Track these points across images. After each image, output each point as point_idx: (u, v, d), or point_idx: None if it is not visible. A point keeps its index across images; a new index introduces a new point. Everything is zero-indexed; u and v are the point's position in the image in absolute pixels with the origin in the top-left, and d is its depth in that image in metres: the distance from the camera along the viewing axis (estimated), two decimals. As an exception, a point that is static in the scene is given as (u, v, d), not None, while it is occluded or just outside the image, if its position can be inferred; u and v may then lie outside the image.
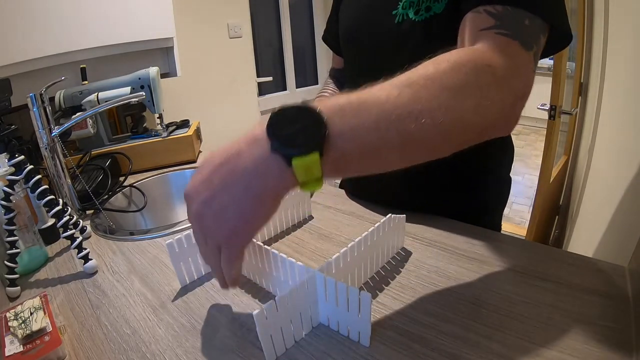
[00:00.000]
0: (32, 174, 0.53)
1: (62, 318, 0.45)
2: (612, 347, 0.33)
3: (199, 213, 0.32)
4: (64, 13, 0.97)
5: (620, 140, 1.06)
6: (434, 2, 0.49)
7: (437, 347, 0.35)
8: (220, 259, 0.34)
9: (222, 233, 0.31)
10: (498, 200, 0.67)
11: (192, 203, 0.32)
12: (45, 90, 0.67)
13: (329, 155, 0.29)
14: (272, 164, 0.29)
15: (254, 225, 0.32)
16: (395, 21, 0.53)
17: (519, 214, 2.58)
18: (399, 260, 0.50)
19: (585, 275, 0.44)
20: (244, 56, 1.90)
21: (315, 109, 0.29)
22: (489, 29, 0.38)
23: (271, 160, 0.29)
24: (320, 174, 0.29)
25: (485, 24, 0.39)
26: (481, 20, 0.39)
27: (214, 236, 0.32)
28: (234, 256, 0.33)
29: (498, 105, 0.35)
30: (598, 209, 1.16)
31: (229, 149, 0.32)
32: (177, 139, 0.98)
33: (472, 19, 0.41)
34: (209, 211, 0.31)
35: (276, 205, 0.32)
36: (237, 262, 0.34)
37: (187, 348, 0.38)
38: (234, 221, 0.31)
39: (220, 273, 0.35)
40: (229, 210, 0.30)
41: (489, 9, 0.39)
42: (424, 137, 0.32)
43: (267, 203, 0.31)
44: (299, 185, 0.30)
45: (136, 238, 0.63)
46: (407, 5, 0.52)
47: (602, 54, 1.40)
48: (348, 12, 0.65)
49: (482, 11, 0.40)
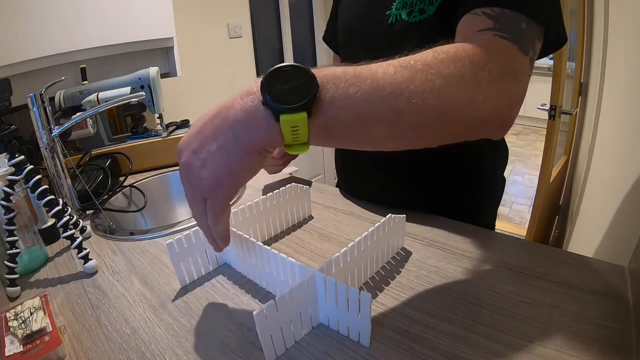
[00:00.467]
0: (32, 174, 0.53)
1: (62, 318, 0.45)
2: (612, 347, 0.33)
3: (187, 163, 0.32)
4: (64, 13, 0.97)
5: (620, 140, 1.06)
6: (428, 5, 0.49)
7: (437, 347, 0.35)
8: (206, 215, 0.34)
9: (207, 183, 0.32)
10: (491, 200, 0.68)
11: (182, 153, 0.33)
12: (45, 90, 0.67)
13: (317, 118, 0.30)
14: (261, 118, 0.30)
15: (239, 178, 0.32)
16: (389, 22, 0.54)
17: (519, 214, 2.58)
18: (399, 260, 0.50)
19: (585, 275, 0.44)
20: (244, 56, 1.90)
21: (310, 72, 0.30)
22: (487, 30, 0.38)
23: (261, 114, 0.30)
24: (306, 137, 0.30)
25: (483, 25, 0.39)
26: (479, 22, 0.39)
27: (199, 186, 0.33)
28: (218, 209, 0.33)
29: (493, 103, 0.35)
30: (598, 209, 1.16)
31: (223, 102, 0.32)
32: (177, 139, 0.98)
33: (470, 20, 0.40)
34: (197, 160, 0.32)
35: (261, 161, 0.33)
36: (222, 216, 0.34)
37: (187, 348, 0.38)
38: (219, 170, 0.31)
39: (210, 232, 0.36)
40: (215, 159, 0.31)
41: (487, 11, 0.39)
42: (413, 118, 0.32)
43: (253, 156, 0.31)
44: (285, 145, 0.31)
45: (136, 238, 0.63)
46: (400, 6, 0.53)
47: (602, 54, 1.40)
48: (346, 12, 0.66)
49: (479, 13, 0.40)
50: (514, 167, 3.44)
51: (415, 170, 0.61)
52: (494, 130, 0.38)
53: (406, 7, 0.52)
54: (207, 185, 0.32)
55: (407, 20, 0.52)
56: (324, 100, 0.30)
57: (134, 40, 1.14)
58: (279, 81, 0.29)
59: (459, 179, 0.61)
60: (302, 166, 2.53)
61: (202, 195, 0.33)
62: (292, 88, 0.29)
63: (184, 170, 0.33)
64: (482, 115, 0.35)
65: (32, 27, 0.91)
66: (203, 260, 0.50)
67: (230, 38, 1.80)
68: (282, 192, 0.58)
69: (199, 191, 0.33)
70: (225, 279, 0.49)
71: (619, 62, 1.19)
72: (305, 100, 0.29)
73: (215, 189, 0.32)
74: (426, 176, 0.61)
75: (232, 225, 0.50)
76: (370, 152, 0.65)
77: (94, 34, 1.04)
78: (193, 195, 0.34)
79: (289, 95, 0.28)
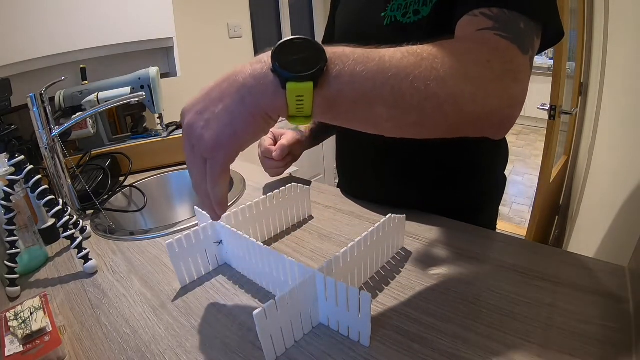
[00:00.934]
0: (32, 174, 0.53)
1: (62, 318, 0.45)
2: (612, 347, 0.33)
3: (191, 123, 0.32)
4: (63, 13, 0.97)
5: (620, 140, 1.06)
6: (422, 6, 0.50)
7: (437, 347, 0.35)
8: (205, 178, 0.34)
9: (209, 143, 0.32)
10: (492, 199, 0.68)
11: (187, 114, 0.33)
12: (45, 90, 0.67)
13: (323, 90, 0.31)
14: (268, 83, 0.30)
15: (240, 140, 0.32)
16: (384, 23, 0.54)
17: (519, 214, 2.59)
18: (399, 260, 0.50)
19: (585, 275, 0.44)
20: (244, 56, 1.90)
21: (320, 45, 0.31)
22: (487, 30, 0.39)
23: (269, 79, 0.30)
24: (310, 109, 0.31)
25: (483, 25, 0.39)
26: (478, 22, 0.39)
27: (200, 145, 0.32)
28: (217, 169, 0.33)
29: (494, 101, 0.36)
30: (598, 209, 1.16)
31: (233, 69, 0.33)
32: (177, 139, 0.98)
33: (470, 21, 0.40)
34: (200, 120, 0.32)
35: (264, 127, 0.33)
36: (221, 179, 0.34)
37: (187, 348, 0.38)
38: (221, 130, 0.31)
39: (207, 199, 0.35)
40: (219, 119, 0.31)
41: (485, 11, 0.39)
42: (415, 102, 0.33)
43: (257, 121, 0.32)
44: (288, 116, 0.32)
45: (136, 238, 0.63)
46: (395, 7, 0.53)
47: (602, 54, 1.40)
48: (342, 16, 0.66)
49: (478, 14, 0.40)
50: (514, 167, 3.44)
51: (415, 169, 0.61)
52: (494, 128, 0.38)
53: (401, 8, 0.52)
54: (208, 145, 0.32)
55: (402, 22, 0.52)
56: (330, 73, 0.31)
57: (134, 40, 1.14)
58: (289, 52, 0.30)
59: (458, 178, 0.62)
60: (302, 166, 2.53)
61: (202, 156, 0.33)
62: (302, 59, 0.30)
63: (186, 131, 0.33)
64: (482, 111, 0.36)
65: (32, 27, 0.91)
66: (203, 260, 0.50)
67: (230, 38, 1.80)
68: (282, 192, 0.58)
69: (200, 151, 0.33)
70: (225, 279, 0.50)
71: (619, 62, 1.19)
72: (313, 71, 0.29)
73: (216, 149, 0.32)
74: (426, 175, 0.61)
75: (232, 225, 0.50)
76: (371, 151, 0.65)
77: (94, 34, 1.04)
78: (194, 158, 0.34)
79: (298, 65, 0.29)
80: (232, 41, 1.81)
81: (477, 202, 0.65)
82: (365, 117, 0.34)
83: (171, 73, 1.35)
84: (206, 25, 1.68)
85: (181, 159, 0.99)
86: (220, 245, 0.51)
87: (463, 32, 0.41)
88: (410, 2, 0.51)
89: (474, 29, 0.40)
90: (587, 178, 1.48)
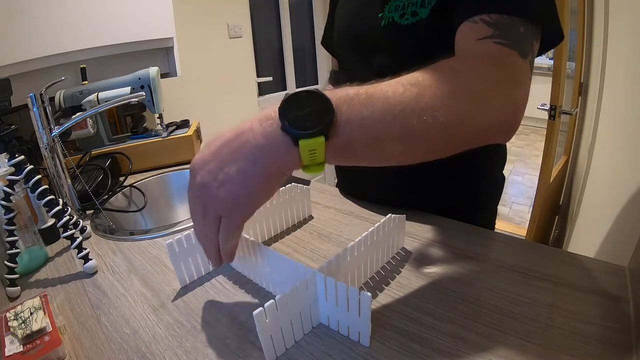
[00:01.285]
0: (32, 174, 0.53)
1: (62, 318, 0.45)
2: (612, 347, 0.33)
3: (203, 182, 0.33)
4: (64, 13, 0.97)
5: (620, 140, 1.06)
6: (420, 7, 0.50)
7: (437, 347, 0.35)
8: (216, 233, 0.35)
9: (225, 203, 0.32)
10: (491, 197, 0.68)
11: (198, 173, 0.33)
12: (45, 90, 0.67)
13: (334, 140, 0.31)
14: (280, 143, 0.31)
15: (257, 199, 0.33)
16: (381, 24, 0.54)
17: (519, 214, 2.59)
18: (399, 260, 0.50)
19: (585, 275, 0.44)
20: (244, 56, 1.90)
21: (325, 97, 0.31)
22: (487, 38, 0.39)
23: (280, 139, 0.31)
24: (323, 158, 0.31)
25: (483, 33, 0.39)
26: (479, 30, 0.40)
27: (216, 205, 0.33)
28: (234, 227, 0.34)
29: (499, 111, 0.36)
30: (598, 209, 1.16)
31: (241, 125, 0.33)
32: (177, 139, 0.98)
33: (469, 28, 0.41)
34: (214, 181, 0.32)
35: (279, 183, 0.34)
36: (236, 235, 0.35)
37: (187, 348, 0.38)
38: (238, 191, 0.32)
39: (215, 249, 0.36)
40: (234, 180, 0.32)
41: (485, 18, 0.40)
42: (425, 134, 0.34)
43: (272, 179, 0.33)
44: (302, 166, 0.32)
45: (136, 238, 0.63)
46: (392, 8, 0.53)
47: (602, 54, 1.40)
48: (340, 16, 0.66)
49: (478, 21, 0.40)
50: (514, 167, 3.44)
51: (414, 169, 0.61)
52: (501, 135, 0.39)
53: (398, 9, 0.52)
54: (226, 205, 0.33)
55: (400, 23, 0.52)
56: (339, 122, 0.31)
57: (134, 40, 1.14)
58: (296, 107, 0.30)
59: (457, 178, 0.62)
60: (302, 166, 2.53)
61: (216, 214, 0.34)
62: (309, 113, 0.30)
63: (199, 189, 0.33)
64: (489, 123, 0.36)
65: (32, 27, 0.91)
66: (203, 260, 0.50)
67: (230, 38, 1.80)
68: (282, 192, 0.58)
69: (214, 210, 0.34)
70: (225, 279, 0.50)
71: (619, 62, 1.19)
72: (322, 126, 0.30)
73: (233, 209, 0.33)
74: (425, 175, 0.61)
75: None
76: None
77: (94, 34, 1.04)
78: (204, 214, 0.34)
79: (307, 121, 0.30)
80: (232, 41, 1.81)
81: (476, 202, 0.65)
82: (378, 155, 0.35)
83: (171, 73, 1.35)
84: (206, 25, 1.68)
85: (181, 158, 0.99)
86: (220, 245, 0.51)
87: (463, 41, 0.42)
88: (408, 3, 0.51)
89: (474, 38, 0.40)
90: (587, 178, 1.48)
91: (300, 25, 2.41)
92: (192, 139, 0.99)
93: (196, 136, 1.05)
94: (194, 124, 1.08)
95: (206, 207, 0.34)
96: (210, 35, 1.71)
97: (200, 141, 1.10)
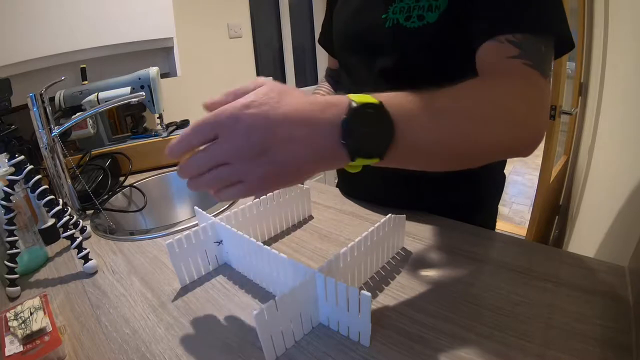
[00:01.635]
0: (32, 174, 0.53)
1: (62, 318, 0.45)
2: (612, 347, 0.33)
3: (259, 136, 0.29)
4: (64, 13, 0.97)
5: (620, 140, 1.06)
6: (427, 11, 0.49)
7: (437, 347, 0.35)
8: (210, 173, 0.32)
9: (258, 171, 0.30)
10: (492, 197, 0.68)
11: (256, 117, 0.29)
12: (45, 90, 0.67)
13: (386, 160, 0.32)
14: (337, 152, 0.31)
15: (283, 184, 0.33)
16: (386, 26, 0.54)
17: (519, 214, 2.58)
18: (399, 260, 0.50)
19: (585, 275, 0.44)
20: (244, 56, 1.90)
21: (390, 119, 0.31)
22: (515, 58, 0.41)
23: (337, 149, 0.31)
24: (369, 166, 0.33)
25: (510, 53, 0.41)
26: (505, 50, 0.41)
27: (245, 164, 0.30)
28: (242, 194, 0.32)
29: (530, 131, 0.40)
30: (598, 209, 1.16)
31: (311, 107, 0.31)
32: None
33: (495, 48, 0.42)
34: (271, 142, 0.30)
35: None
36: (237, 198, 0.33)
37: (187, 348, 0.38)
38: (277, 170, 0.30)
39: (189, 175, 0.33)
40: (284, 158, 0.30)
41: (510, 38, 0.41)
42: (467, 155, 0.38)
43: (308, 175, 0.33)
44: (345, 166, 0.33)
45: (136, 238, 0.63)
46: (397, 10, 0.52)
47: (602, 54, 1.40)
48: (340, 15, 0.66)
49: (504, 41, 0.42)
50: (514, 167, 3.44)
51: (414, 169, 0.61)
52: (527, 151, 0.41)
53: (403, 11, 0.52)
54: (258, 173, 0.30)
55: (406, 26, 0.51)
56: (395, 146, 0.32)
57: (134, 40, 1.14)
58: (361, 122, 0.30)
59: (458, 178, 0.61)
60: (302, 166, 2.53)
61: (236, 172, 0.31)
62: (372, 134, 0.31)
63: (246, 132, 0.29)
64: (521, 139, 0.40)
65: (32, 27, 0.91)
66: (203, 260, 0.50)
67: (230, 38, 1.80)
68: (282, 192, 0.58)
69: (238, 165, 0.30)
70: (225, 279, 0.50)
71: (619, 62, 1.19)
72: (381, 151, 0.32)
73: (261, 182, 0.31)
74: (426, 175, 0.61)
75: (232, 225, 0.50)
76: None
77: (94, 34, 1.04)
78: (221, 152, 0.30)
79: (368, 143, 0.31)
80: (232, 41, 1.81)
81: (477, 202, 0.65)
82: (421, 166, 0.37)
83: (171, 73, 1.35)
84: (206, 25, 1.68)
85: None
86: (220, 245, 0.51)
87: (489, 59, 0.43)
88: (413, 6, 0.51)
89: (501, 57, 0.42)
90: (587, 178, 1.48)
91: (300, 25, 2.41)
92: (192, 139, 0.99)
93: (196, 136, 1.04)
94: (194, 124, 1.07)
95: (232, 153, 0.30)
96: (210, 35, 1.71)
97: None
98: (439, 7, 0.48)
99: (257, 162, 0.30)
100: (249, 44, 1.90)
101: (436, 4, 0.49)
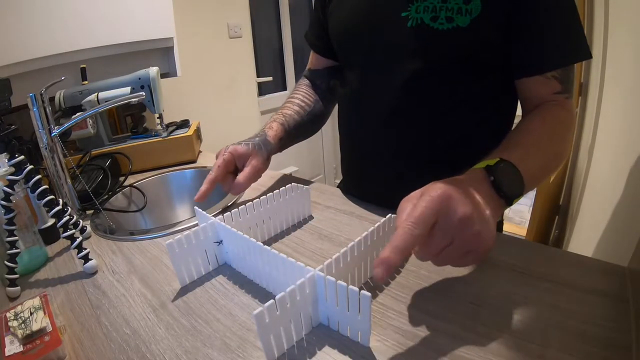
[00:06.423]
0: (32, 174, 0.53)
1: (62, 318, 0.45)
2: (612, 347, 0.33)
3: (477, 230, 0.36)
4: (64, 13, 0.97)
5: (620, 141, 1.06)
6: (457, 14, 0.48)
7: (437, 347, 0.35)
8: (450, 251, 0.37)
9: (484, 244, 0.37)
10: None
11: (474, 223, 0.36)
12: (45, 90, 0.67)
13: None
14: (502, 206, 0.42)
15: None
16: (408, 25, 0.51)
17: (519, 214, 2.58)
18: (399, 260, 0.50)
19: (585, 275, 0.44)
20: (244, 56, 1.90)
21: (517, 168, 0.42)
22: (559, 94, 0.50)
23: (500, 206, 0.41)
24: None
25: (557, 89, 0.50)
26: (552, 86, 0.50)
27: (473, 245, 0.37)
28: (478, 260, 0.38)
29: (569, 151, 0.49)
30: (598, 209, 1.16)
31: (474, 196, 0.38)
32: (177, 139, 0.98)
33: (544, 83, 0.50)
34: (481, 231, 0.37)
35: None
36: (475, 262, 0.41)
37: (187, 348, 0.38)
38: (492, 234, 0.38)
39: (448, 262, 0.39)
40: (489, 225, 0.38)
41: (555, 74, 0.49)
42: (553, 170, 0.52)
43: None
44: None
45: (136, 238, 0.63)
46: (421, 9, 0.50)
47: (602, 54, 1.40)
48: (345, 11, 0.63)
49: (550, 77, 0.50)
50: (514, 167, 3.44)
51: (414, 169, 0.61)
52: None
53: (427, 11, 0.49)
54: (485, 247, 0.37)
55: (432, 26, 0.50)
56: (524, 180, 0.43)
57: (134, 40, 1.14)
58: (508, 175, 0.41)
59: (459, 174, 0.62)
60: (302, 166, 2.53)
61: (466, 249, 0.37)
62: (513, 181, 0.42)
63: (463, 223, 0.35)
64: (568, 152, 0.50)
65: (32, 27, 0.91)
66: (203, 260, 0.50)
67: (230, 38, 1.80)
68: (282, 192, 0.58)
69: (466, 243, 0.36)
70: (225, 279, 0.50)
71: (619, 62, 1.19)
72: (519, 193, 0.42)
73: (488, 250, 0.38)
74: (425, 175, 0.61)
75: (232, 225, 0.50)
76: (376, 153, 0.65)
77: (94, 34, 1.04)
78: (449, 243, 0.36)
79: (516, 188, 0.42)
80: (232, 41, 1.81)
81: None
82: (534, 187, 0.50)
83: (171, 73, 1.35)
84: (206, 25, 1.68)
85: (181, 159, 0.99)
86: (220, 245, 0.51)
87: (538, 93, 0.52)
88: (440, 6, 0.49)
89: (549, 92, 0.51)
90: (587, 178, 1.47)
91: (300, 25, 2.41)
92: (192, 139, 0.99)
93: (196, 136, 1.05)
94: (194, 124, 1.07)
95: (463, 244, 0.36)
96: (210, 35, 1.71)
97: (200, 141, 1.10)
98: (470, 11, 0.47)
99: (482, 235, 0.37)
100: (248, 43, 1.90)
101: (466, 7, 0.47)
